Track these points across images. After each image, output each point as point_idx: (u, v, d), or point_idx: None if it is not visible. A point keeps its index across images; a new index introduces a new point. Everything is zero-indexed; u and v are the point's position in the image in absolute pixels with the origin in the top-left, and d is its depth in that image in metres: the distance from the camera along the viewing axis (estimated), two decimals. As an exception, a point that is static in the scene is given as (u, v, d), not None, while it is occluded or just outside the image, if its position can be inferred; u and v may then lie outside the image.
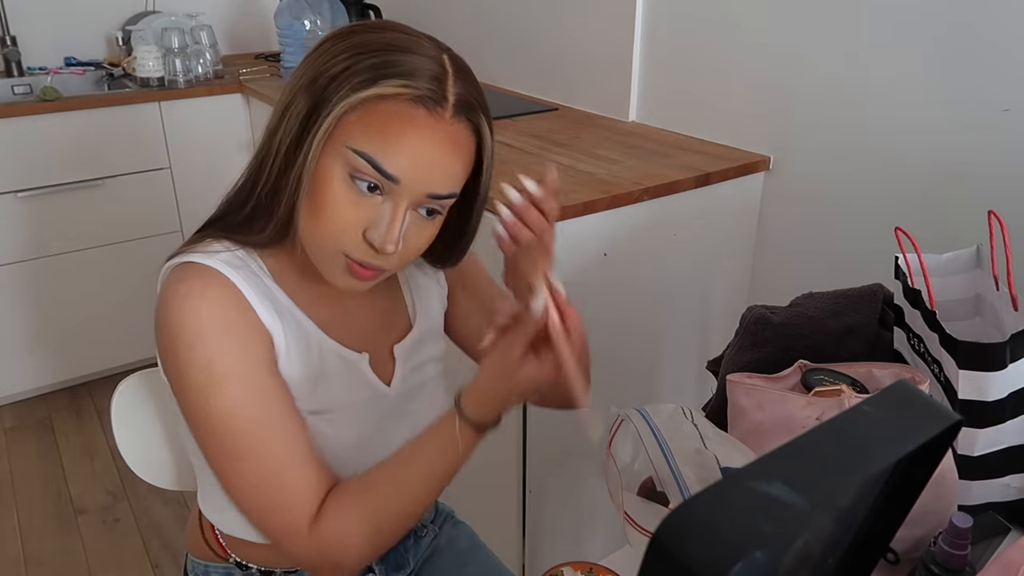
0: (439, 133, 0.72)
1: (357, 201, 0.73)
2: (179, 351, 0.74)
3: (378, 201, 0.73)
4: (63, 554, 2.00)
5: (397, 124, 0.71)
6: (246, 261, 0.80)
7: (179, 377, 0.74)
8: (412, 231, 0.76)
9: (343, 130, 0.72)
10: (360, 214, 0.73)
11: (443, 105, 0.72)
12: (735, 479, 0.44)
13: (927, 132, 1.43)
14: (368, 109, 0.71)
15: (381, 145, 0.71)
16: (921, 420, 0.52)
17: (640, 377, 1.76)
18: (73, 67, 2.73)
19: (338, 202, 0.72)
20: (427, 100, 0.71)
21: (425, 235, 0.78)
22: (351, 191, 0.72)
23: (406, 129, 0.71)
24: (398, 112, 0.71)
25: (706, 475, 0.79)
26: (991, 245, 0.89)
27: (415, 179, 0.72)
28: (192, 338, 0.73)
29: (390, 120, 0.71)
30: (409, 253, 0.78)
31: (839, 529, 0.60)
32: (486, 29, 2.46)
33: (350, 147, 0.71)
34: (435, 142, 0.72)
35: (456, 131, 0.73)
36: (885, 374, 0.88)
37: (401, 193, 0.73)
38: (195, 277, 0.75)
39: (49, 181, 2.36)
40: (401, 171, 0.71)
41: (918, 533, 0.78)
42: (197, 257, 0.77)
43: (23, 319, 2.46)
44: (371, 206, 0.73)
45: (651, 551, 0.41)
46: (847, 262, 1.59)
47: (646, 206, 1.55)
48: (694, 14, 1.81)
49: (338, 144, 0.72)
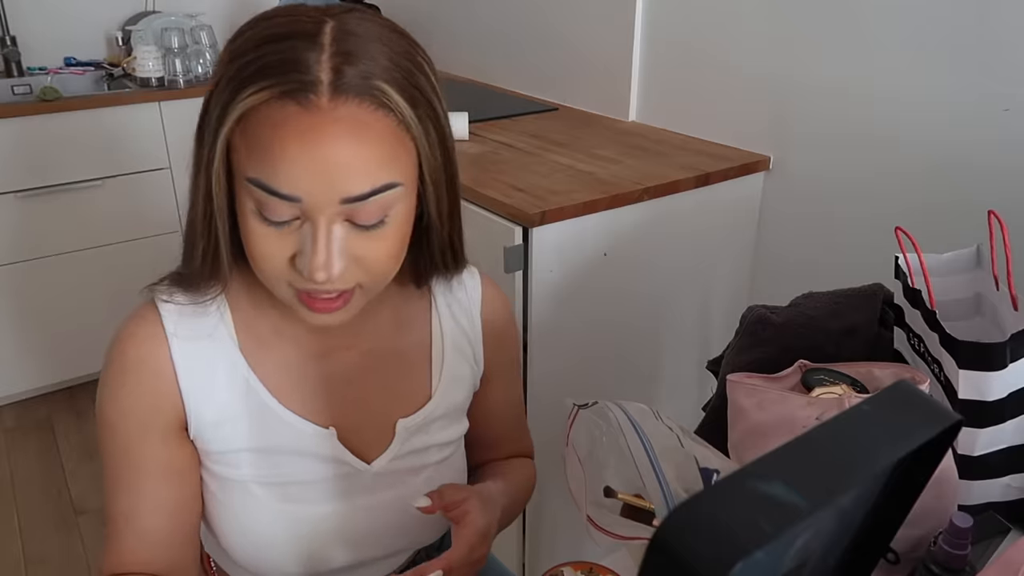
0: (321, 125, 0.60)
1: (275, 234, 0.64)
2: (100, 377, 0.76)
3: (297, 226, 0.64)
4: (63, 554, 2.00)
5: (271, 134, 0.60)
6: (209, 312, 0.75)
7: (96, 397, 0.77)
8: (359, 244, 0.65)
9: (236, 161, 0.63)
10: (284, 246, 0.64)
11: (316, 91, 0.59)
12: (735, 479, 0.44)
13: (927, 132, 1.43)
14: (244, 128, 0.61)
15: (264, 165, 0.60)
16: (921, 420, 0.52)
17: (640, 377, 1.76)
18: (73, 67, 2.73)
19: (259, 240, 0.64)
20: (294, 92, 0.59)
21: (382, 245, 0.66)
22: (266, 226, 0.63)
23: (281, 136, 0.60)
24: (269, 119, 0.60)
25: (685, 473, 0.79)
26: (991, 245, 0.89)
27: (315, 190, 0.61)
28: (103, 375, 0.75)
29: (264, 132, 0.60)
30: (372, 267, 0.67)
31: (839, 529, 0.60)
32: (486, 29, 2.46)
33: (246, 178, 0.62)
34: (321, 140, 0.59)
35: (346, 115, 0.60)
36: (885, 374, 0.88)
37: (311, 210, 0.62)
38: (138, 319, 0.75)
39: (49, 181, 2.36)
40: (297, 187, 0.60)
41: (918, 533, 0.78)
42: (163, 294, 0.74)
43: (23, 319, 2.46)
44: (291, 232, 0.64)
45: (652, 551, 0.41)
46: (847, 262, 1.59)
47: (646, 206, 1.55)
48: (694, 14, 1.81)
49: (239, 178, 0.64)
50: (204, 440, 0.77)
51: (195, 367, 0.74)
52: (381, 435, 0.82)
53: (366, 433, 0.82)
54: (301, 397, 0.79)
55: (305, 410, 0.79)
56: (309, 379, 0.79)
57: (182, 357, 0.74)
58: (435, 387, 0.85)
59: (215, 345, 0.75)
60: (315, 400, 0.79)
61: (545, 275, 1.47)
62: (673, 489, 0.76)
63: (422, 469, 0.85)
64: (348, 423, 0.81)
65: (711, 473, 0.79)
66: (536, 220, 1.40)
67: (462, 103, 2.03)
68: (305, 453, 0.79)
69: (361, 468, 0.81)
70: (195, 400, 0.75)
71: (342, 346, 0.81)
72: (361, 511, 0.81)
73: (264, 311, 0.77)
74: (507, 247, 1.42)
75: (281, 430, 0.77)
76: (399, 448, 0.83)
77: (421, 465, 0.84)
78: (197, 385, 0.75)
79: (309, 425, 0.78)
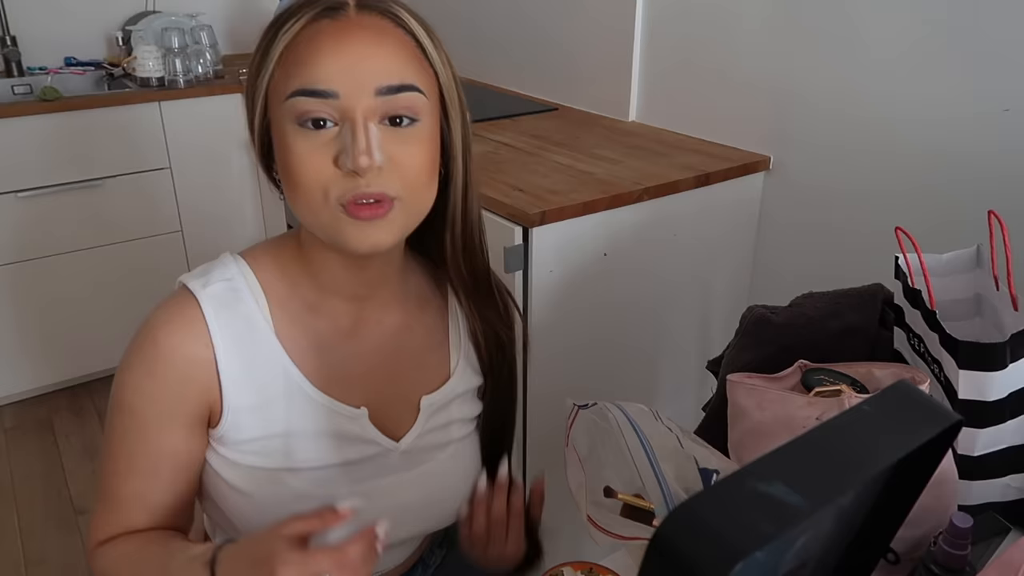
0: (351, 30, 0.69)
1: (316, 141, 0.68)
2: (121, 362, 0.77)
3: (335, 130, 0.69)
4: (63, 554, 2.00)
5: (308, 48, 0.69)
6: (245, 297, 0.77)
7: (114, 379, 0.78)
8: (394, 146, 0.69)
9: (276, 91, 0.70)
10: (325, 151, 0.69)
11: (344, 8, 0.70)
12: (735, 479, 0.44)
13: (927, 132, 1.43)
14: (284, 58, 0.70)
15: (303, 73, 0.68)
16: (921, 420, 0.52)
17: (640, 377, 1.76)
18: (73, 67, 2.73)
19: (301, 153, 0.69)
20: (326, 12, 0.70)
21: (415, 149, 0.71)
22: (306, 136, 0.69)
23: (317, 44, 0.68)
24: (305, 38, 0.69)
25: (685, 474, 0.79)
26: (991, 245, 0.89)
27: (352, 80, 0.68)
28: (128, 360, 0.76)
29: (301, 51, 0.69)
30: (408, 174, 0.70)
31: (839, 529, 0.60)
32: (486, 29, 2.46)
33: (284, 98, 0.69)
34: (351, 38, 0.69)
35: (369, 23, 0.70)
36: (885, 374, 0.88)
37: (348, 105, 0.68)
38: (174, 307, 0.75)
39: (49, 181, 2.36)
40: (332, 80, 0.67)
41: (918, 533, 0.78)
42: (195, 284, 0.76)
43: (23, 319, 2.46)
44: (331, 138, 0.69)
45: (652, 551, 0.41)
46: (847, 262, 1.59)
47: (646, 206, 1.55)
48: (694, 14, 1.81)
49: (278, 105, 0.70)
50: (239, 428, 0.77)
51: (234, 355, 0.75)
52: (406, 412, 0.84)
53: (392, 411, 0.84)
54: (334, 378, 0.80)
55: (338, 391, 0.80)
56: (342, 359, 0.81)
57: (222, 345, 0.75)
58: (454, 364, 0.88)
59: (252, 331, 0.77)
60: (347, 380, 0.81)
61: (545, 275, 1.47)
62: (673, 489, 0.76)
63: (447, 445, 0.87)
64: (377, 402, 0.82)
65: (711, 473, 0.79)
66: (536, 220, 1.40)
67: (462, 103, 2.03)
68: (337, 435, 0.80)
69: (390, 447, 0.83)
70: (232, 388, 0.76)
71: (374, 320, 0.83)
72: (388, 491, 0.83)
73: (298, 288, 0.79)
74: (507, 247, 1.42)
75: (315, 413, 0.79)
76: (424, 425, 0.85)
77: (446, 441, 0.87)
78: (235, 373, 0.76)
79: (342, 406, 0.80)
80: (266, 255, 0.80)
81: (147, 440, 0.76)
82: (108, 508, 0.79)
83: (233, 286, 0.77)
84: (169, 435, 0.76)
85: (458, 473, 0.88)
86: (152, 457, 0.77)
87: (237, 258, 0.80)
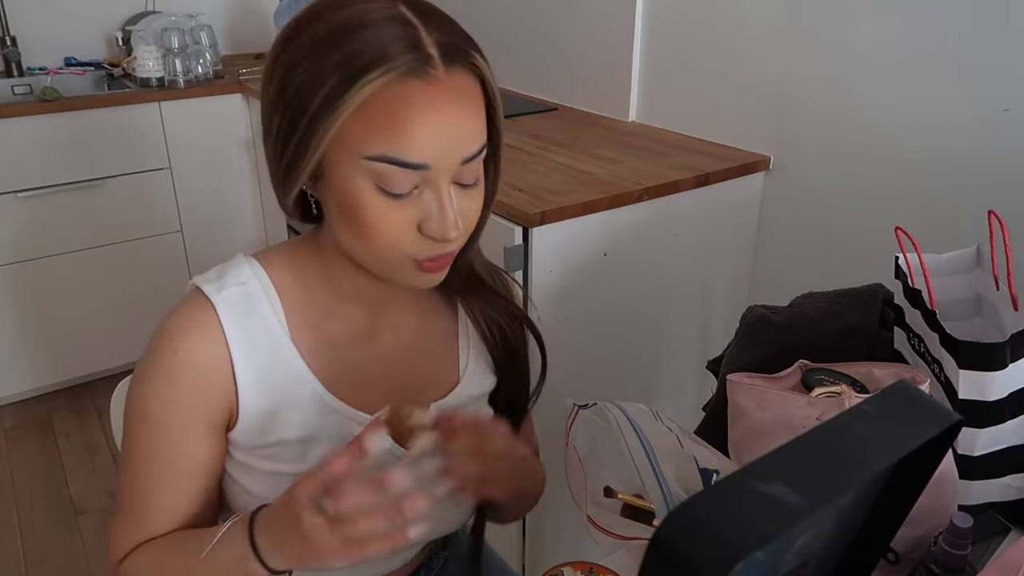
0: (442, 95, 0.65)
1: (398, 206, 0.67)
2: (137, 371, 0.76)
3: (417, 195, 0.68)
4: (63, 554, 2.00)
5: (399, 111, 0.64)
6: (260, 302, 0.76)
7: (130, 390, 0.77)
8: (463, 204, 0.70)
9: (349, 142, 0.66)
10: (407, 216, 0.68)
11: (432, 64, 0.65)
12: (735, 479, 0.44)
13: (927, 132, 1.43)
14: (364, 111, 0.64)
15: (393, 141, 0.64)
16: (921, 420, 0.52)
17: (640, 377, 1.76)
18: (73, 67, 2.73)
19: (381, 216, 0.67)
20: (415, 71, 0.64)
21: (475, 203, 0.72)
22: (387, 200, 0.67)
23: (410, 111, 0.64)
24: (394, 98, 0.64)
25: (685, 474, 0.79)
26: (991, 245, 0.89)
27: (443, 154, 0.66)
28: (147, 369, 0.75)
29: (390, 111, 0.64)
30: (469, 227, 0.72)
31: (839, 529, 0.60)
32: (486, 29, 2.45)
33: (364, 157, 0.65)
34: (442, 106, 0.65)
35: (456, 82, 0.66)
36: (885, 374, 0.88)
37: (436, 175, 0.67)
38: (190, 312, 0.74)
39: (49, 181, 2.36)
40: (426, 155, 0.65)
41: (918, 533, 0.78)
42: (210, 288, 0.75)
43: (23, 319, 2.46)
44: (413, 203, 0.68)
45: (652, 550, 0.41)
46: (847, 262, 1.59)
47: (646, 206, 1.55)
48: (694, 14, 1.81)
49: (349, 157, 0.66)
50: (253, 433, 0.77)
51: (250, 359, 0.75)
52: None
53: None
54: (348, 384, 0.79)
55: (352, 397, 0.79)
56: (358, 364, 0.80)
57: (238, 349, 0.74)
58: (463, 370, 0.87)
59: (267, 336, 0.76)
60: (361, 386, 0.80)
61: (545, 275, 1.46)
62: (673, 489, 0.76)
63: None
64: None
65: (711, 473, 0.79)
66: (536, 220, 1.40)
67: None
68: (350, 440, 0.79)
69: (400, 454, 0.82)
70: (248, 392, 0.75)
71: (388, 325, 0.82)
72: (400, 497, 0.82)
73: (313, 293, 0.79)
74: (507, 247, 1.42)
75: (330, 418, 0.78)
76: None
77: None
78: (251, 377, 0.75)
79: (356, 413, 0.79)
80: (281, 258, 0.79)
81: (173, 448, 0.76)
82: (133, 520, 0.78)
83: (248, 290, 0.76)
84: (193, 442, 0.76)
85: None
86: (178, 465, 0.77)
87: (252, 261, 0.79)
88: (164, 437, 0.75)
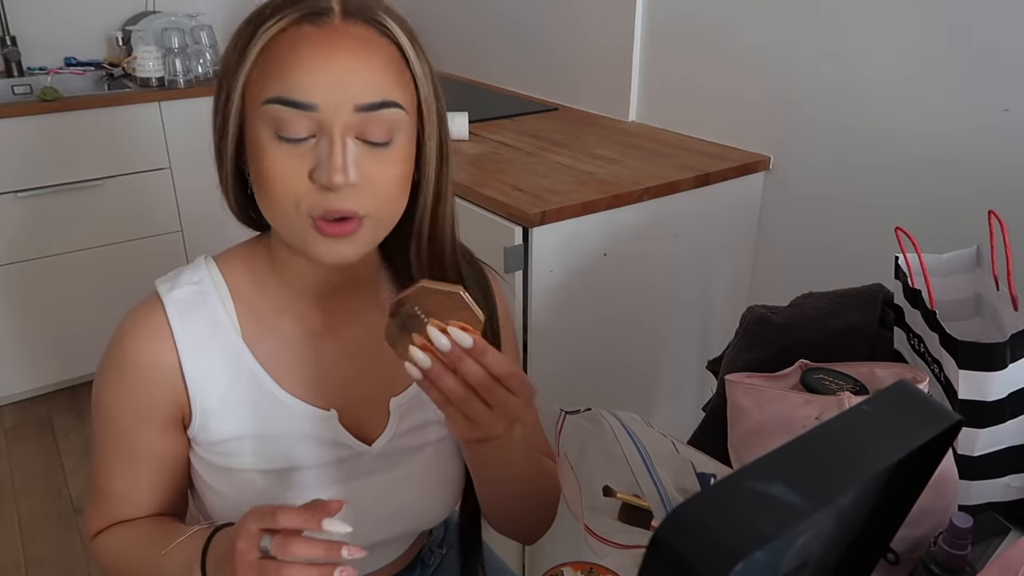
0: (334, 39, 0.67)
1: (292, 152, 0.67)
2: (98, 367, 0.79)
3: (311, 142, 0.67)
4: (63, 554, 2.00)
5: (290, 52, 0.66)
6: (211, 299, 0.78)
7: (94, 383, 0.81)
8: (368, 164, 0.68)
9: (252, 92, 0.68)
10: (300, 162, 0.67)
11: (328, 14, 0.67)
12: (735, 480, 0.44)
13: (927, 132, 1.43)
14: (263, 58, 0.68)
15: (283, 80, 0.66)
16: (921, 420, 0.52)
17: (640, 377, 1.76)
18: (73, 67, 2.73)
19: (275, 161, 0.67)
20: (310, 16, 0.67)
21: (389, 169, 0.70)
22: (283, 146, 0.67)
23: (299, 51, 0.66)
24: (287, 41, 0.67)
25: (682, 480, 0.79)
26: (991, 245, 0.89)
27: (332, 95, 0.66)
28: (102, 368, 0.79)
29: (282, 53, 0.67)
30: (380, 193, 0.69)
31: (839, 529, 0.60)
32: (486, 29, 2.46)
33: (262, 102, 0.67)
34: (334, 49, 0.66)
35: (354, 32, 0.67)
36: (887, 374, 0.87)
37: (328, 120, 0.66)
38: (141, 313, 0.78)
39: (49, 181, 2.36)
40: (313, 93, 0.66)
41: (918, 533, 0.78)
42: (163, 288, 0.78)
43: (23, 319, 2.46)
44: (308, 150, 0.67)
45: (652, 551, 0.41)
46: (847, 262, 1.59)
47: (646, 206, 1.55)
48: (694, 14, 1.81)
49: (254, 107, 0.68)
50: (207, 430, 0.78)
51: (198, 358, 0.76)
52: (377, 415, 0.83)
53: (363, 414, 0.83)
54: (302, 380, 0.80)
55: (306, 393, 0.80)
56: (310, 361, 0.81)
57: (186, 348, 0.76)
58: None
59: (218, 334, 0.77)
60: (316, 382, 0.81)
61: (545, 275, 1.46)
62: (670, 494, 0.76)
63: (421, 448, 0.85)
64: (346, 404, 0.82)
65: (708, 477, 0.79)
66: (536, 220, 1.40)
67: (462, 103, 2.03)
68: (307, 437, 0.80)
69: (362, 450, 0.82)
70: (199, 390, 0.77)
71: (343, 323, 0.82)
72: (363, 494, 0.82)
73: (266, 290, 0.80)
74: (507, 247, 1.42)
75: (283, 415, 0.79)
76: (396, 427, 0.83)
77: (420, 444, 0.85)
78: (201, 375, 0.77)
79: (310, 408, 0.80)
80: (237, 257, 0.82)
81: (125, 441, 0.79)
82: (98, 502, 0.84)
83: (200, 289, 0.78)
84: (145, 436, 0.79)
85: (436, 476, 0.86)
86: (131, 456, 0.80)
87: (209, 260, 0.81)
88: (116, 430, 0.79)
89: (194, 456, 0.81)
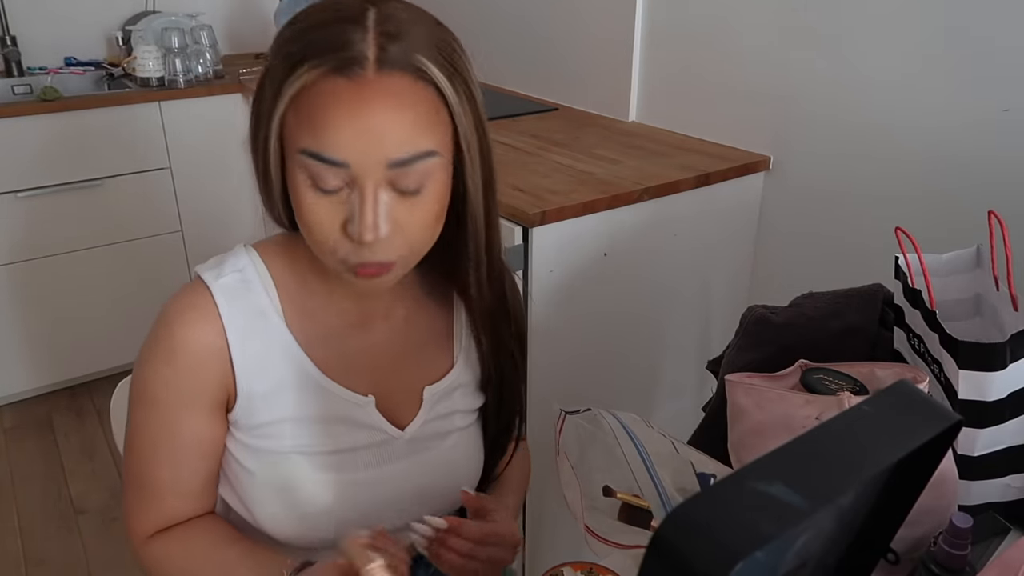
0: (367, 94, 0.65)
1: (327, 202, 0.68)
2: (138, 357, 0.80)
3: (346, 194, 0.68)
4: (63, 554, 2.00)
5: (322, 107, 0.66)
6: (256, 288, 0.80)
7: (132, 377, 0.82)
8: (400, 212, 0.69)
9: (288, 135, 0.69)
10: (336, 214, 0.69)
11: (362, 65, 0.65)
12: (735, 480, 0.44)
13: (927, 132, 1.43)
14: (297, 105, 0.67)
15: (314, 135, 0.66)
16: (921, 420, 0.52)
17: (640, 377, 1.76)
18: (73, 67, 2.73)
19: (311, 211, 0.69)
20: (342, 68, 0.65)
21: (420, 213, 0.70)
22: (319, 195, 0.68)
23: (331, 106, 0.65)
24: (319, 94, 0.66)
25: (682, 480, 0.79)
26: (991, 245, 0.89)
27: (363, 153, 0.66)
28: (147, 353, 0.79)
29: (315, 106, 0.66)
30: (413, 237, 0.71)
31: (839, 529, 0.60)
32: (486, 29, 2.46)
33: (298, 151, 0.68)
34: (365, 105, 0.65)
35: (388, 86, 0.66)
36: (888, 374, 0.87)
37: (360, 175, 0.67)
38: (188, 297, 0.78)
39: (49, 181, 2.36)
40: (344, 151, 0.66)
41: (918, 533, 0.78)
42: (209, 275, 0.79)
43: (23, 319, 2.46)
44: (342, 200, 0.68)
45: (652, 551, 0.41)
46: (847, 262, 1.59)
47: (646, 206, 1.55)
48: (694, 14, 1.81)
49: (291, 151, 0.69)
50: (250, 414, 0.80)
51: (246, 343, 0.78)
52: (410, 402, 0.87)
53: (398, 400, 0.86)
54: (342, 367, 0.83)
55: (346, 380, 0.83)
56: (350, 349, 0.83)
57: (234, 333, 0.78)
58: (457, 355, 0.90)
59: (263, 320, 0.79)
60: (355, 370, 0.83)
61: (545, 275, 1.47)
62: (670, 494, 0.76)
63: (449, 434, 0.89)
64: (382, 391, 0.85)
65: (708, 477, 0.79)
66: (536, 220, 1.40)
67: (462, 103, 2.03)
68: (345, 421, 0.83)
69: (396, 435, 0.85)
70: (245, 375, 0.78)
71: (380, 314, 0.85)
72: (392, 477, 0.85)
73: (308, 285, 0.82)
74: (507, 247, 1.41)
75: (324, 400, 0.81)
76: (427, 414, 0.87)
77: (449, 430, 0.88)
78: (248, 360, 0.78)
79: (350, 394, 0.82)
80: (278, 248, 0.83)
81: (172, 427, 0.80)
82: (141, 498, 0.83)
83: (244, 277, 0.80)
84: (192, 421, 0.79)
85: (460, 461, 0.90)
86: (178, 443, 0.80)
87: (250, 249, 0.82)
88: (164, 416, 0.79)
89: (233, 441, 0.82)
